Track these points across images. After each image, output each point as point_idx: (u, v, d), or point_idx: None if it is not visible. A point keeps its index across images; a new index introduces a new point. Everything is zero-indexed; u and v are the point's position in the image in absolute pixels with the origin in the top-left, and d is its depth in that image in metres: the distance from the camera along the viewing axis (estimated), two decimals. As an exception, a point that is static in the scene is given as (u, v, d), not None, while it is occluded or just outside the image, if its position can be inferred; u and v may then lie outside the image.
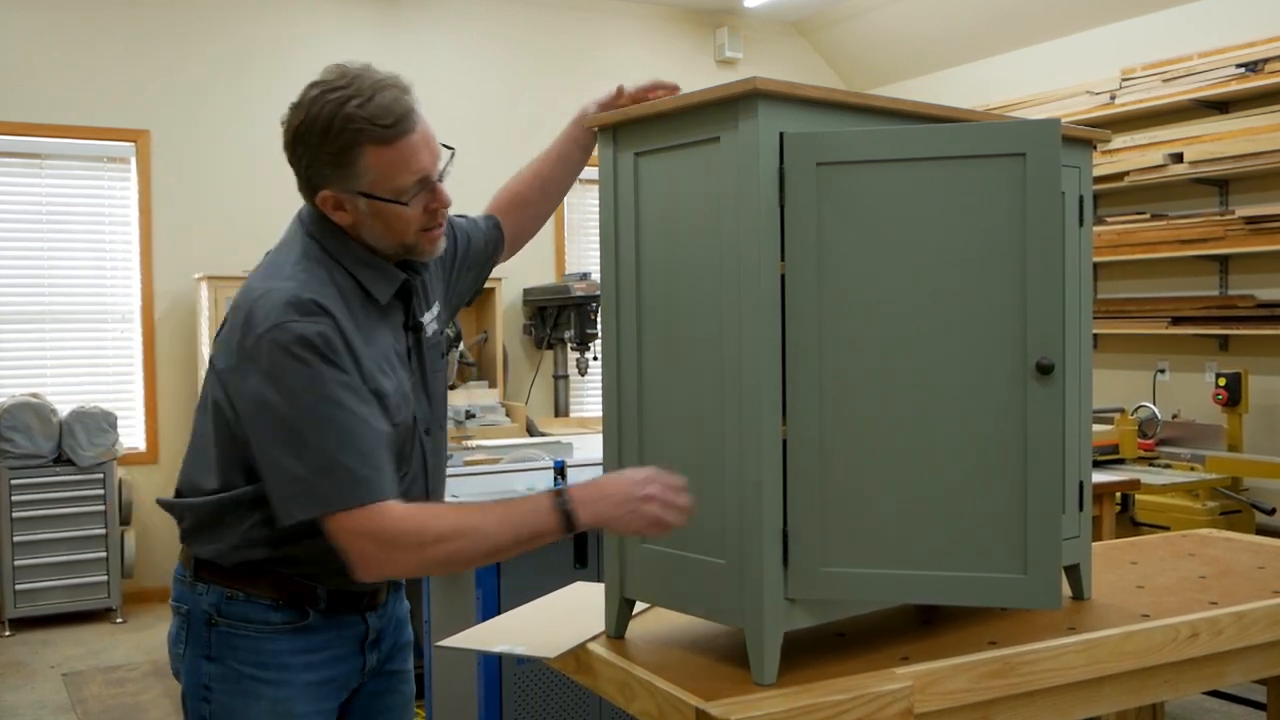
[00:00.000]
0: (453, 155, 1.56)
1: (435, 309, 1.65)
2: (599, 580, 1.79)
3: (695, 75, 6.85)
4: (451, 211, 1.65)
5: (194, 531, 1.55)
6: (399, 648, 1.72)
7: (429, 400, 1.62)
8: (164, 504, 1.61)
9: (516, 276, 6.43)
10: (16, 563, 4.95)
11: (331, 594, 1.55)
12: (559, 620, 1.81)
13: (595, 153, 1.78)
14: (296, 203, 1.58)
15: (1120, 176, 5.40)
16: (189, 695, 1.56)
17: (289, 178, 1.54)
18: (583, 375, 6.16)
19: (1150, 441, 4.83)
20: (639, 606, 1.73)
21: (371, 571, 1.42)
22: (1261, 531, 4.61)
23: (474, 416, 5.72)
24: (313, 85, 1.48)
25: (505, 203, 1.85)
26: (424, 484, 1.61)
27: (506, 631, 1.78)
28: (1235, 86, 5.00)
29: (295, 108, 1.48)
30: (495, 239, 1.84)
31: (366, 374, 1.45)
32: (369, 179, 1.46)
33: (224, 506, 1.50)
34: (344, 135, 1.43)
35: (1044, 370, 1.44)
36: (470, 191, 8.14)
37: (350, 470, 1.38)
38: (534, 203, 1.88)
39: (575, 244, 6.76)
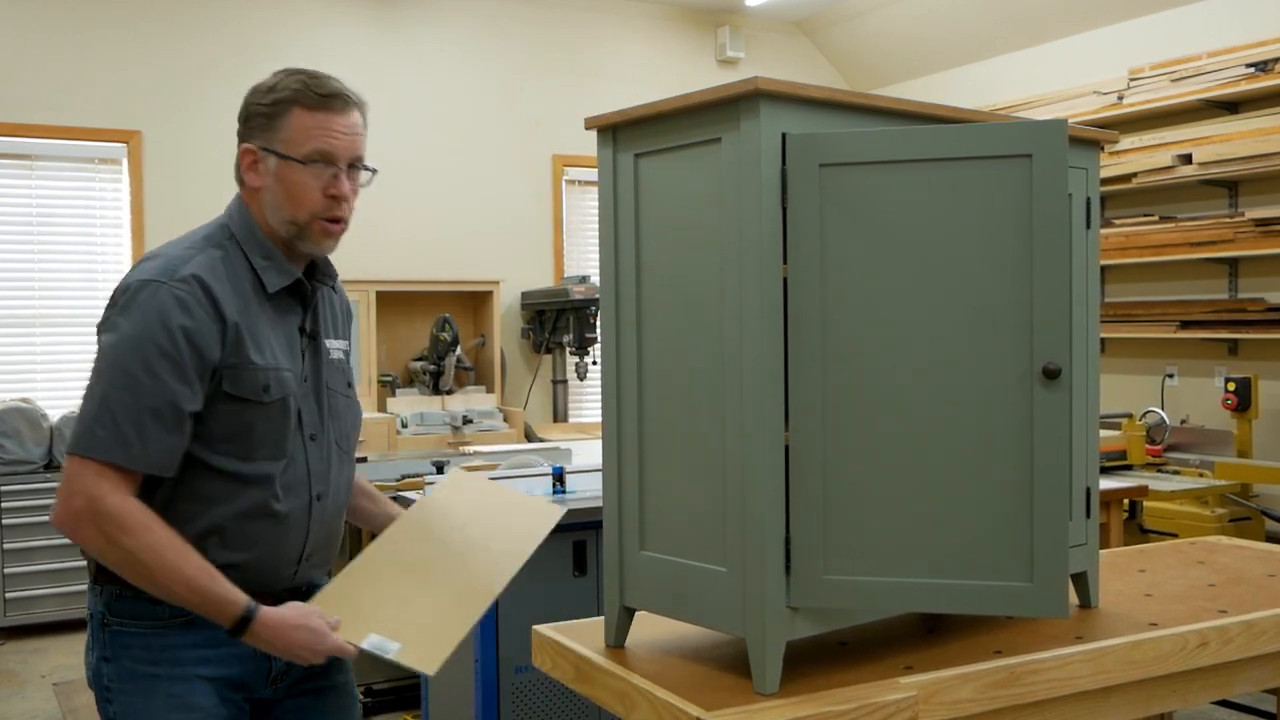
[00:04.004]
0: (373, 176, 1.64)
1: (343, 344, 1.73)
2: (597, 588, 1.76)
3: (696, 75, 6.84)
4: (452, 216, 1.67)
5: None
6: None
7: (319, 409, 1.64)
8: None
9: (515, 279, 6.42)
10: (7, 570, 4.90)
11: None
12: (451, 579, 1.66)
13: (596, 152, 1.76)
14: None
15: (1128, 178, 5.37)
16: (97, 699, 1.59)
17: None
18: (582, 380, 6.15)
19: (1158, 447, 4.79)
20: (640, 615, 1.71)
21: (62, 523, 1.48)
22: (1271, 539, 4.58)
23: (471, 422, 5.71)
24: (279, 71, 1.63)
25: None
26: (307, 489, 1.61)
27: (382, 604, 1.59)
28: (1245, 86, 4.97)
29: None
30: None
31: (231, 342, 1.51)
32: (284, 137, 1.56)
33: None
34: (282, 92, 1.57)
35: (1051, 375, 1.42)
36: (462, 190, 8.08)
37: (118, 430, 1.46)
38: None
39: (574, 246, 6.75)
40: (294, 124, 1.56)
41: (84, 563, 1.64)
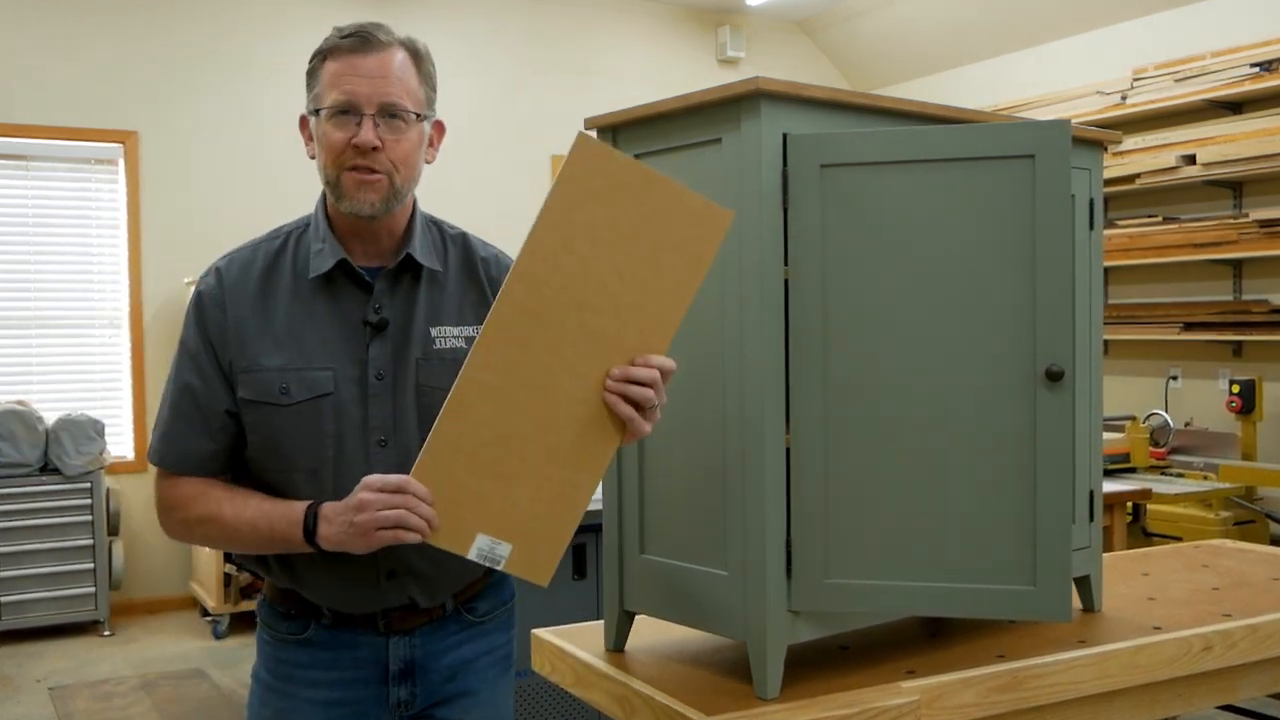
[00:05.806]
0: (424, 121, 1.51)
1: (461, 330, 1.52)
2: (596, 591, 1.75)
3: (697, 75, 6.83)
4: (452, 216, 1.62)
5: None
6: (454, 696, 1.56)
7: (394, 410, 1.46)
8: None
9: (517, 280, 6.41)
10: (2, 574, 4.88)
11: (335, 610, 1.50)
12: None
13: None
14: (288, 204, 1.56)
15: (1131, 179, 5.36)
16: None
17: (281, 179, 1.53)
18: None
19: (1162, 450, 4.78)
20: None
21: (161, 527, 1.51)
22: (1276, 542, 4.57)
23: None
24: None
25: None
26: None
27: (485, 476, 1.31)
28: (1249, 86, 4.95)
29: None
30: None
31: (235, 343, 1.45)
32: (317, 92, 1.47)
33: None
34: (319, 51, 1.49)
35: (1054, 377, 1.41)
36: (461, 190, 8.10)
37: (163, 435, 1.48)
38: None
39: (580, 247, 6.74)
40: (325, 76, 1.46)
41: (79, 566, 1.65)
